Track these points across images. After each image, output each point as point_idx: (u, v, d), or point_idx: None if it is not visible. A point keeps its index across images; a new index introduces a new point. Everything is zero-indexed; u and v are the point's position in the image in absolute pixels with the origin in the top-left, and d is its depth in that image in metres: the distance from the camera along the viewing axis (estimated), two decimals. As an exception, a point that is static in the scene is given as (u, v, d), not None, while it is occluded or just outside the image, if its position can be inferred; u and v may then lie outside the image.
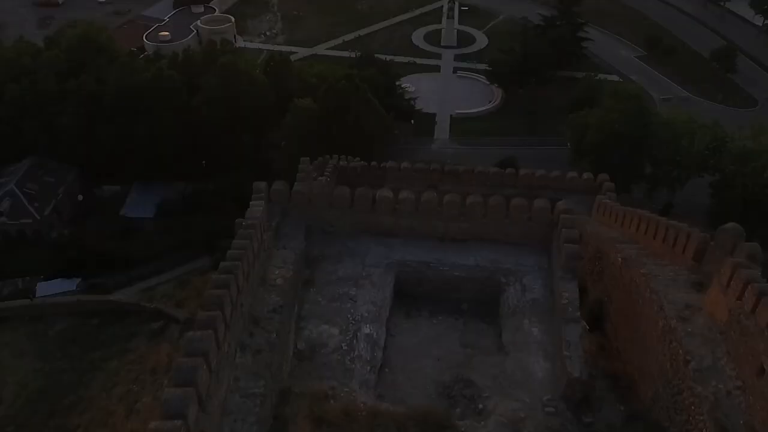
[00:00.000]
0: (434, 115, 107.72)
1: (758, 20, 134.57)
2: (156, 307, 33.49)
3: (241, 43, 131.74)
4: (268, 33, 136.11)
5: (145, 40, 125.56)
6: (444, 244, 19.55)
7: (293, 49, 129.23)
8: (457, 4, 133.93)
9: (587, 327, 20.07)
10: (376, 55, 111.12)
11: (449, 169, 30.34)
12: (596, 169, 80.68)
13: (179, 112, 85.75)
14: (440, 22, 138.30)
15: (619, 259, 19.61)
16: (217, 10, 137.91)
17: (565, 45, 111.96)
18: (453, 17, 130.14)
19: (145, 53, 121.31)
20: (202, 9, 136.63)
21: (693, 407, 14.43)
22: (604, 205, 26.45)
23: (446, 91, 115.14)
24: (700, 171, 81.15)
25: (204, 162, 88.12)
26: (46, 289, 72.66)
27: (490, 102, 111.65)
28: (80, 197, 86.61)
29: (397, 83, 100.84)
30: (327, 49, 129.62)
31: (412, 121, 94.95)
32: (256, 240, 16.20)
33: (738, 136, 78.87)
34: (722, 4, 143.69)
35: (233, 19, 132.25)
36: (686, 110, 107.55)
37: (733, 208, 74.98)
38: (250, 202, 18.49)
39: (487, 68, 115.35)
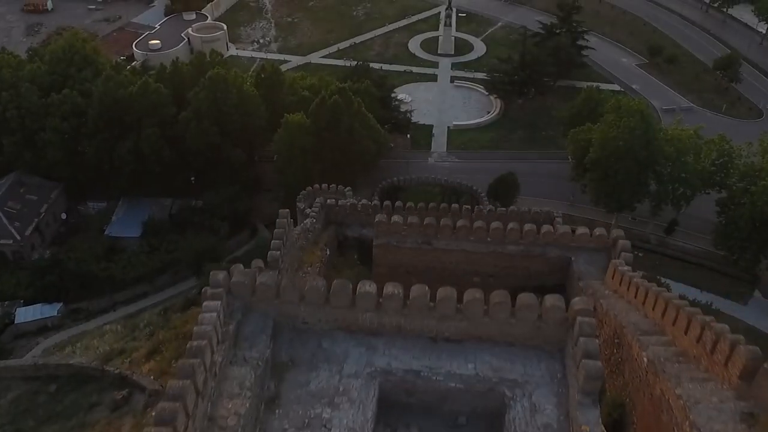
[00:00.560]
0: (431, 126, 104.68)
1: (762, 27, 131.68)
2: (120, 372, 30.47)
3: (233, 51, 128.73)
4: (261, 41, 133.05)
5: (134, 48, 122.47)
6: (437, 345, 16.54)
7: (286, 57, 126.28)
8: (454, 11, 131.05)
9: (606, 435, 17.25)
10: (371, 65, 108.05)
11: (444, 225, 27.16)
12: (599, 187, 78.42)
13: (167, 127, 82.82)
14: (437, 30, 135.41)
15: (645, 359, 16.72)
16: (209, 17, 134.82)
17: (564, 53, 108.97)
18: (450, 25, 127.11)
19: (134, 62, 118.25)
20: (193, 16, 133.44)
21: None
22: (620, 274, 23.47)
23: (443, 101, 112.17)
24: (706, 187, 78.35)
25: (193, 178, 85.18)
26: (26, 314, 69.76)
27: (488, 113, 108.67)
28: (64, 216, 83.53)
29: (393, 95, 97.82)
30: (321, 57, 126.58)
31: (408, 135, 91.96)
32: (202, 371, 13.24)
33: (745, 152, 76.09)
34: (724, 10, 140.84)
35: (225, 27, 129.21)
36: (690, 124, 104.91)
37: (741, 228, 72.40)
38: (204, 302, 15.45)
39: (486, 77, 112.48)
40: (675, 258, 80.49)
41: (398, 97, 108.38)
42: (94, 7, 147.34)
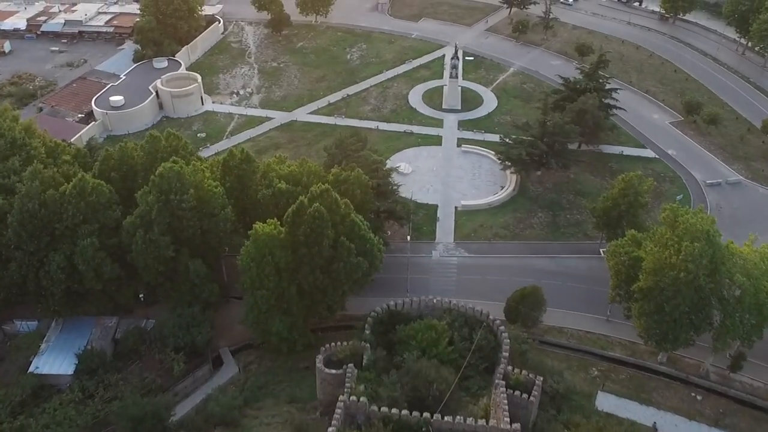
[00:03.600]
0: (435, 207, 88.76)
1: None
2: None
3: (208, 105, 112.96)
4: (241, 91, 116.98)
5: (93, 106, 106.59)
6: None
7: (269, 113, 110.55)
8: (461, 54, 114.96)
9: None
10: (365, 133, 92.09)
11: None
12: (650, 322, 62.29)
13: (109, 233, 67.03)
14: (441, 78, 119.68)
15: None
16: (182, 64, 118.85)
17: (591, 117, 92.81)
18: (456, 76, 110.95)
19: (91, 123, 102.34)
20: (165, 64, 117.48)
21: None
22: None
23: (449, 172, 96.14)
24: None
25: (142, 295, 69.15)
26: None
27: (502, 188, 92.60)
28: (-21, 346, 67.55)
29: (390, 179, 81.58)
30: (308, 113, 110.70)
31: (409, 237, 75.67)
32: None
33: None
34: (766, 55, 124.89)
35: (199, 79, 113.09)
36: (739, 200, 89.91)
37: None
38: None
39: (498, 142, 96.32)
40: (743, 402, 64.20)
41: (397, 168, 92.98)
42: (57, 49, 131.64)
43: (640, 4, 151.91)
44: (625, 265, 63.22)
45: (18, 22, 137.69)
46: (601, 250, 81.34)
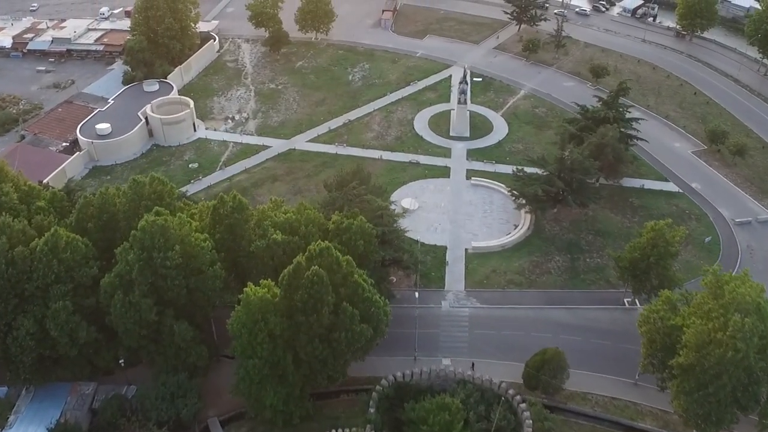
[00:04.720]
0: (444, 249, 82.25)
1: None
2: None
3: (201, 131, 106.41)
4: (236, 117, 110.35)
5: (78, 134, 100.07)
6: None
7: (266, 141, 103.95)
8: (469, 75, 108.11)
9: None
10: (366, 169, 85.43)
11: None
12: (690, 401, 55.49)
13: (86, 292, 60.48)
14: (448, 101, 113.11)
15: None
16: (174, 87, 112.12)
17: (611, 151, 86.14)
18: (465, 102, 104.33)
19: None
20: (156, 87, 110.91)
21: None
22: None
23: (458, 208, 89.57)
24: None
25: (122, 361, 62.46)
26: None
27: (515, 227, 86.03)
28: (-61, 419, 60.86)
29: (396, 226, 74.90)
30: (307, 141, 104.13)
31: (417, 294, 68.95)
32: None
33: None
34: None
35: (192, 104, 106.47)
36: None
37: None
38: None
39: (510, 174, 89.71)
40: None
41: (402, 205, 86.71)
42: (44, 68, 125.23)
43: (654, 20, 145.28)
44: (660, 333, 56.54)
45: (3, 39, 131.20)
46: (625, 301, 75.18)
